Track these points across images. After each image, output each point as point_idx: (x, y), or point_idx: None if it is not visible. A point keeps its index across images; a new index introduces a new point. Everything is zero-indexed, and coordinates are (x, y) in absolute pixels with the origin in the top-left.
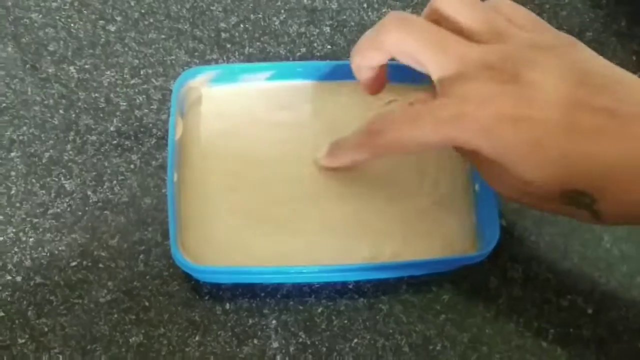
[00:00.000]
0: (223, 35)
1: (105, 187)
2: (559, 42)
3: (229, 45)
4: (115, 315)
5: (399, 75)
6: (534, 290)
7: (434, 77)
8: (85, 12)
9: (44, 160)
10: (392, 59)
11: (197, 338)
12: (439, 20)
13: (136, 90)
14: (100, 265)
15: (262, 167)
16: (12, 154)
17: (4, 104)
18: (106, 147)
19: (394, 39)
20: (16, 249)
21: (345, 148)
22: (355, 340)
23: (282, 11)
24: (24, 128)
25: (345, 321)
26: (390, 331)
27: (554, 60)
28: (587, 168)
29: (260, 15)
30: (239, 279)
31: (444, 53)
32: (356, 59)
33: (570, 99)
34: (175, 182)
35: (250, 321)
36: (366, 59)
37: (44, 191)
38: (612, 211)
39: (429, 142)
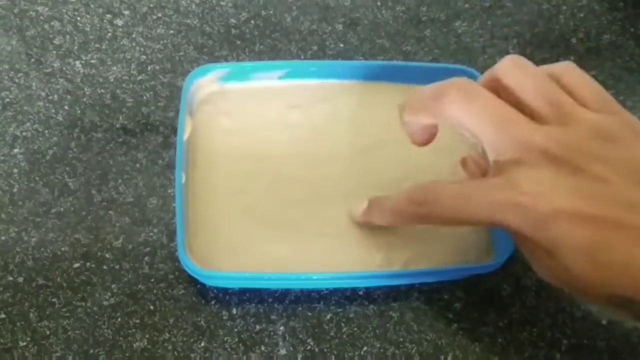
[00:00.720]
0: (233, 31)
1: (110, 186)
2: (624, 132)
3: (239, 42)
4: (119, 319)
5: (412, 76)
6: (548, 299)
7: (491, 157)
8: (92, 5)
9: (47, 158)
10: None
11: (202, 344)
12: (499, 90)
13: (143, 87)
14: (104, 266)
15: (273, 169)
16: (15, 151)
17: (7, 99)
18: (111, 145)
19: (454, 113)
20: (18, 249)
21: (384, 211)
22: (365, 349)
23: (294, 7)
24: (28, 124)
25: (355, 328)
26: (401, 339)
27: (619, 154)
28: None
29: (271, 12)
30: (247, 284)
31: (505, 135)
32: (406, 116)
33: (634, 202)
34: (183, 183)
35: (258, 327)
36: (418, 119)
37: (47, 189)
38: None
39: (477, 221)
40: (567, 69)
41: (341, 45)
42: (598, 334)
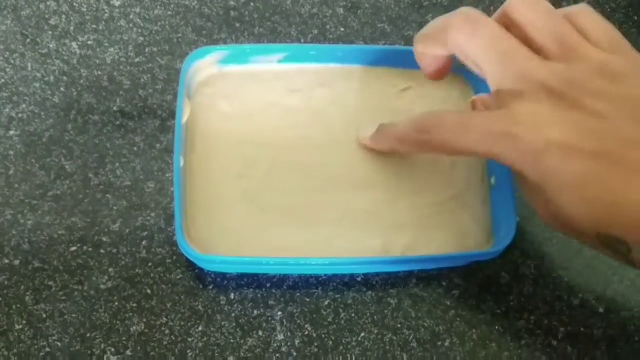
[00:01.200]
0: (232, 13)
1: (107, 169)
2: (631, 69)
3: (238, 24)
4: (116, 303)
5: (414, 61)
6: (545, 287)
7: (492, 87)
8: None
9: (43, 140)
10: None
11: (200, 328)
12: (510, 25)
13: (140, 69)
14: (101, 250)
15: (272, 153)
16: (11, 132)
17: (2, 80)
18: (108, 128)
19: (460, 41)
20: (14, 232)
21: (390, 136)
22: (362, 334)
23: None
24: (23, 105)
25: (353, 314)
26: (399, 326)
27: (622, 91)
28: (632, 216)
29: None
30: (245, 269)
31: (507, 67)
32: (418, 47)
33: (631, 138)
34: (181, 167)
35: (255, 312)
36: (428, 49)
37: (43, 172)
38: None
39: (476, 152)
40: (583, 11)
41: (342, 29)
42: (595, 323)
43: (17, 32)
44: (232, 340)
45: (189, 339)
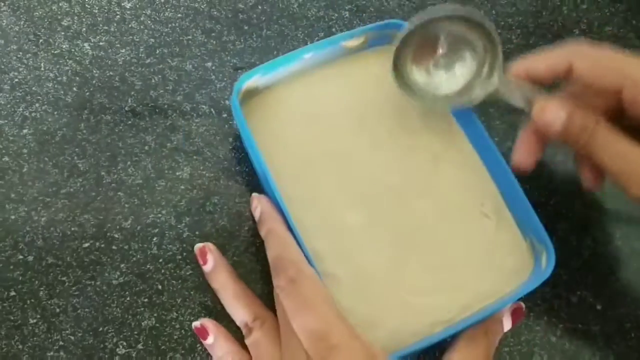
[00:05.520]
0: (240, 16)
1: (119, 167)
2: None
3: (246, 27)
4: (128, 298)
5: None
6: (544, 285)
7: None
8: None
9: (57, 139)
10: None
11: None
12: None
13: (151, 70)
14: (113, 247)
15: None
16: (25, 131)
17: (16, 79)
18: (120, 127)
19: None
20: (28, 228)
21: None
22: None
23: None
24: (37, 105)
25: None
26: None
27: None
28: None
29: None
30: None
31: None
32: None
33: None
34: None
35: None
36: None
37: (56, 170)
38: None
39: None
40: None
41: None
42: (592, 319)
43: (30, 33)
44: (240, 335)
45: None
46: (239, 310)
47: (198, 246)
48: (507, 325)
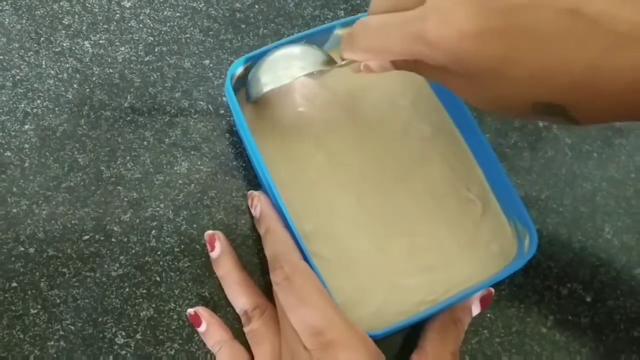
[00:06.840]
0: (238, 15)
1: (118, 162)
2: None
3: (243, 26)
4: (127, 289)
5: None
6: (535, 277)
7: None
8: None
9: (57, 134)
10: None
11: None
12: None
13: (150, 68)
14: (113, 239)
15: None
16: (26, 127)
17: (18, 76)
18: (120, 123)
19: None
20: (29, 221)
21: (341, 44)
22: None
23: None
24: (38, 101)
25: None
26: None
27: None
28: (556, 80)
29: None
30: None
31: None
32: None
33: (530, 1)
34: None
35: None
36: None
37: (57, 165)
38: (586, 116)
39: (398, 53)
40: None
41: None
42: (582, 311)
43: (32, 31)
44: (237, 326)
45: None
46: (241, 297)
47: (208, 233)
48: (476, 311)
